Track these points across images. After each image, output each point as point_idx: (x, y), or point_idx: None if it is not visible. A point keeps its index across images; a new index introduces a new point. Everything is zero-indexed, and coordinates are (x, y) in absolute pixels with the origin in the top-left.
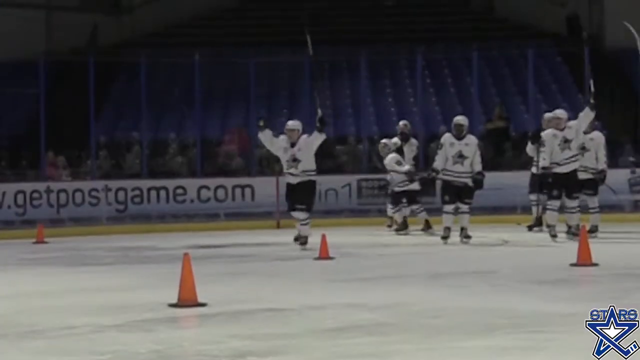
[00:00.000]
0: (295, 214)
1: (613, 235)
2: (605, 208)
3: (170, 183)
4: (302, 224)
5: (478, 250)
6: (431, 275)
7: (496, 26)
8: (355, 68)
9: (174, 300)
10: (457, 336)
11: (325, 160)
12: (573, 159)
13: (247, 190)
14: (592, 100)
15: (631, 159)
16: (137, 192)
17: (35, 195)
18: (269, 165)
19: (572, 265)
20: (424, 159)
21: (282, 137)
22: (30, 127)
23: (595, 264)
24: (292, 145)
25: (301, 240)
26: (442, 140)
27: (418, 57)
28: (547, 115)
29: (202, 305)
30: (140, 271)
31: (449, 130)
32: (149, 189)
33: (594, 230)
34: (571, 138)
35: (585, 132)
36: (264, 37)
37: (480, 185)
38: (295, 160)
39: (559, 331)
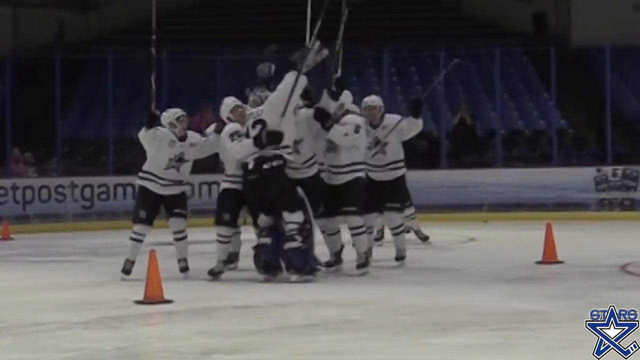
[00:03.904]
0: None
1: (579, 233)
2: (571, 206)
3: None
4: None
5: (444, 248)
6: (400, 273)
7: (463, 24)
8: (322, 64)
9: (141, 298)
10: (423, 333)
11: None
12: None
13: (214, 187)
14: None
15: None
16: (103, 188)
17: (1, 192)
18: None
19: (538, 263)
20: None
21: None
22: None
23: (561, 262)
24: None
25: None
26: None
27: (385, 54)
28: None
29: (169, 302)
30: (106, 268)
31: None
32: (115, 186)
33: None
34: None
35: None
36: (232, 34)
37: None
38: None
39: (526, 328)
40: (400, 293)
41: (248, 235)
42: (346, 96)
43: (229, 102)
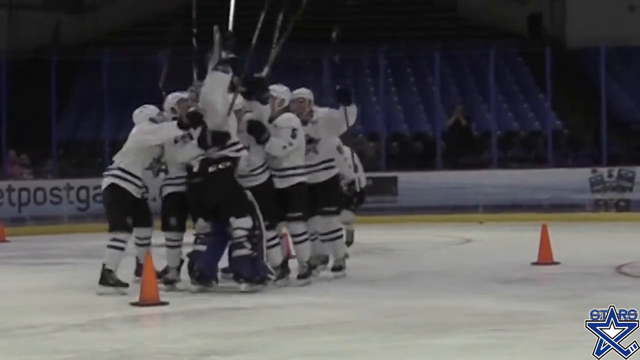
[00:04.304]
0: None
1: (574, 234)
2: (567, 206)
3: None
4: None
5: (440, 249)
6: (393, 275)
7: (459, 25)
8: (317, 66)
9: (136, 299)
10: (419, 334)
11: None
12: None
13: None
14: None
15: None
16: (99, 190)
17: None
18: None
19: (534, 264)
20: (386, 158)
21: None
22: None
23: (557, 263)
24: None
25: None
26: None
27: (380, 56)
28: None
29: (164, 304)
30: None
31: (412, 129)
32: None
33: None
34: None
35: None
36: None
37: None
38: None
39: (521, 329)
40: (394, 294)
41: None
42: (285, 93)
43: (177, 94)
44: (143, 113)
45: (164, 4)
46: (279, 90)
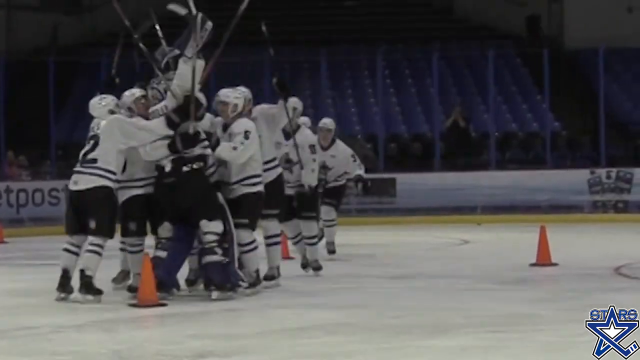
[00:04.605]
0: None
1: (573, 235)
2: (565, 208)
3: None
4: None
5: (439, 250)
6: (392, 276)
7: (456, 26)
8: (315, 68)
9: (134, 301)
10: (417, 336)
11: None
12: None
13: None
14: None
15: None
16: None
17: None
18: None
19: (532, 265)
20: (384, 160)
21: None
22: None
23: (555, 264)
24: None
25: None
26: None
27: (378, 57)
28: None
29: (162, 305)
30: (100, 271)
31: (410, 131)
32: None
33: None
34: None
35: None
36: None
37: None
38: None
39: (519, 331)
40: (392, 296)
41: None
42: (238, 98)
43: (134, 91)
44: (102, 103)
45: (163, 5)
46: (231, 95)
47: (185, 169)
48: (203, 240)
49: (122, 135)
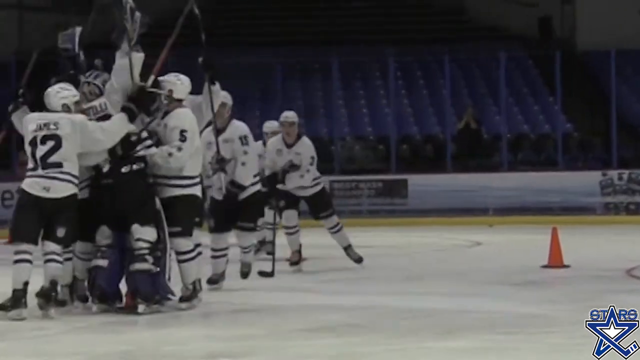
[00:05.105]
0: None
1: (584, 237)
2: (577, 209)
3: None
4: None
5: (449, 251)
6: (403, 277)
7: (467, 28)
8: (327, 69)
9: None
10: (426, 337)
11: None
12: None
13: None
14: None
15: None
16: None
17: (7, 195)
18: None
19: (544, 267)
20: (396, 161)
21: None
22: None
23: (567, 266)
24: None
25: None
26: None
27: (389, 59)
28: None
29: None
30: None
31: (422, 132)
32: None
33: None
34: None
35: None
36: (234, 38)
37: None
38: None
39: (529, 332)
40: (401, 297)
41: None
42: (177, 84)
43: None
44: (59, 96)
45: (177, 4)
46: (168, 79)
47: (124, 170)
48: (133, 247)
49: (87, 141)
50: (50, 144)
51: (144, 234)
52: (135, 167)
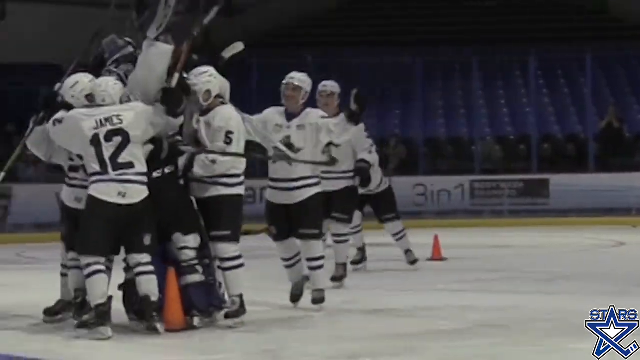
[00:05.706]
0: None
1: None
2: None
3: None
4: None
5: (592, 252)
6: (546, 278)
7: (610, 26)
8: (467, 69)
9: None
10: (569, 339)
11: (439, 160)
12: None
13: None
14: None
15: None
16: None
17: None
18: None
19: None
20: (537, 160)
21: None
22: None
23: None
24: None
25: None
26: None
27: (531, 58)
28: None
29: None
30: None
31: (563, 131)
32: None
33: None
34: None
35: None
36: (375, 38)
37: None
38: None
39: None
40: (544, 298)
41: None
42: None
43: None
44: (117, 88)
45: (309, 7)
46: (200, 78)
47: (155, 174)
48: (180, 258)
49: (152, 126)
50: (117, 140)
51: (188, 242)
52: (167, 170)
